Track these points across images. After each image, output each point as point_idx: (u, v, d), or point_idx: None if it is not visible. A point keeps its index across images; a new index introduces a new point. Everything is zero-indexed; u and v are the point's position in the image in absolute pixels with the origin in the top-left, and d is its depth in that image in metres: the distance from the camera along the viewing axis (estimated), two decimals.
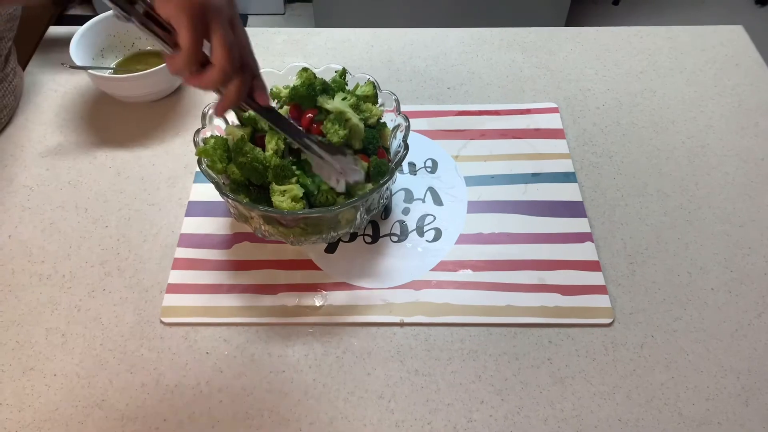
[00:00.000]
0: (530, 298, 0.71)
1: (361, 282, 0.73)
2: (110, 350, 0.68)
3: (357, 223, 0.72)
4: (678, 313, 0.70)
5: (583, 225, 0.77)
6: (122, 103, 0.91)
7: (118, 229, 0.77)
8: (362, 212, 0.71)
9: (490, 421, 0.63)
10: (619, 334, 0.68)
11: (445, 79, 0.95)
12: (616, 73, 0.96)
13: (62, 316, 0.70)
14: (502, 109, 0.90)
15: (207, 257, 0.75)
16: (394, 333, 0.69)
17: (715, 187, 0.81)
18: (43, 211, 0.79)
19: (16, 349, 0.68)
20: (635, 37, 1.02)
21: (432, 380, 0.65)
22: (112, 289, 0.72)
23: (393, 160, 0.73)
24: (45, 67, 0.97)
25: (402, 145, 0.71)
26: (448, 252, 0.75)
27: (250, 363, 0.67)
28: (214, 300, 0.71)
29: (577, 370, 0.66)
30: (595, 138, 0.87)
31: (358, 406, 0.64)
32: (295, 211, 0.65)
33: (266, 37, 1.03)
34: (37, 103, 0.92)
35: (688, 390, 0.65)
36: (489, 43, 1.01)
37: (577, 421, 0.63)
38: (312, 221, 0.68)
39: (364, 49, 1.01)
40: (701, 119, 0.89)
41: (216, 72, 0.56)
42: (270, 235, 0.71)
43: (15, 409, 0.64)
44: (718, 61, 0.97)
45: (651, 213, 0.79)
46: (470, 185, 0.82)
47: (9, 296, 0.72)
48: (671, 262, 0.74)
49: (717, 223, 0.77)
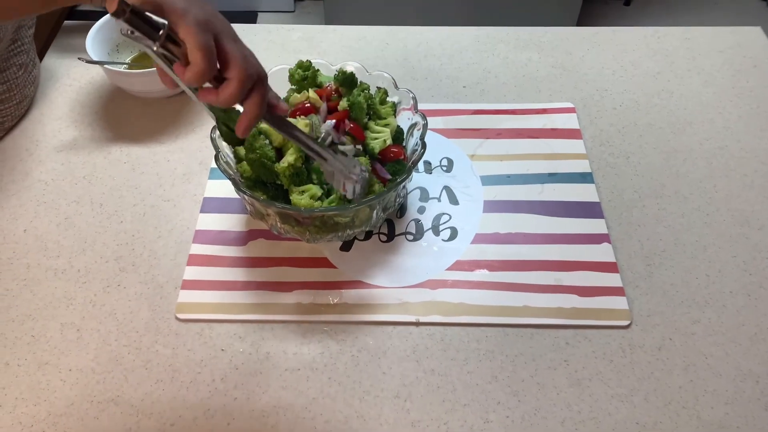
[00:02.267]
0: (547, 299, 0.70)
1: (377, 280, 0.72)
2: (125, 346, 0.68)
3: (373, 221, 0.71)
4: (696, 316, 0.69)
5: (600, 226, 0.76)
6: (137, 98, 0.91)
7: (132, 224, 0.77)
8: (378, 210, 0.71)
9: (507, 422, 0.62)
10: (637, 336, 0.68)
11: (460, 77, 0.95)
12: (633, 73, 0.95)
13: (77, 311, 0.70)
14: (518, 109, 0.90)
15: (222, 254, 0.74)
16: (410, 332, 0.69)
17: (734, 189, 0.80)
18: (58, 205, 0.79)
19: (32, 343, 0.68)
20: (652, 38, 1.01)
21: (448, 380, 0.65)
22: (127, 285, 0.72)
23: (410, 159, 0.73)
24: (59, 62, 0.97)
25: (419, 143, 0.71)
26: (463, 251, 0.75)
27: (265, 360, 0.67)
28: (228, 297, 0.71)
29: (595, 372, 0.65)
30: (612, 138, 0.86)
31: (374, 405, 0.64)
32: (313, 209, 0.65)
33: (280, 34, 1.03)
34: (52, 98, 0.92)
35: (707, 393, 0.64)
36: (504, 42, 1.00)
37: (594, 424, 0.62)
38: (329, 219, 0.68)
39: (379, 47, 1.00)
40: (719, 121, 0.89)
41: (235, 85, 0.53)
42: (286, 232, 0.71)
43: (30, 403, 0.64)
44: (735, 63, 0.96)
45: (668, 215, 0.78)
46: (486, 184, 0.81)
47: (24, 290, 0.72)
48: (689, 265, 0.74)
49: (735, 226, 0.77)
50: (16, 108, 0.86)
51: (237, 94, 0.53)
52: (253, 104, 0.55)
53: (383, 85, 0.76)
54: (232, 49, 0.53)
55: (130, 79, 0.87)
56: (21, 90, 0.86)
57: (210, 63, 0.51)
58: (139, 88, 0.88)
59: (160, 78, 0.55)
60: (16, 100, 0.86)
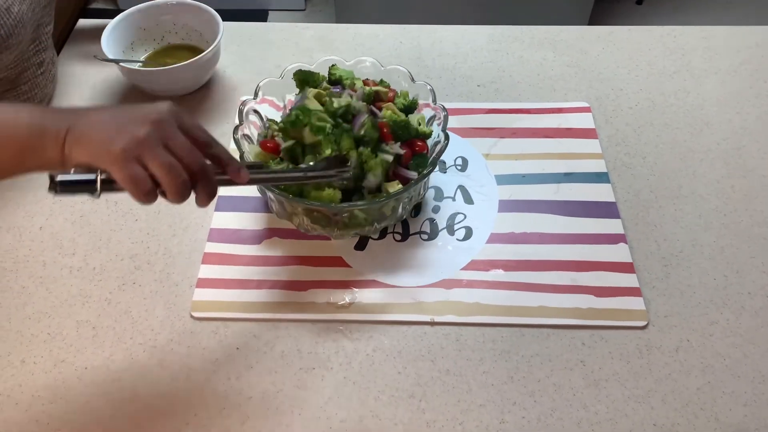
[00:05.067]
0: (563, 299, 0.70)
1: (391, 280, 0.72)
2: (140, 344, 0.68)
3: (399, 213, 0.72)
4: (714, 317, 0.69)
5: (616, 226, 0.76)
6: (152, 96, 0.91)
7: (147, 222, 0.77)
8: (405, 203, 0.71)
9: (523, 422, 0.62)
10: (654, 337, 0.67)
11: (474, 76, 0.95)
12: (649, 72, 0.95)
13: (93, 308, 0.70)
14: (533, 108, 0.89)
15: (237, 252, 0.74)
16: (425, 332, 0.68)
17: (752, 190, 0.80)
18: (73, 203, 0.79)
19: (48, 341, 0.68)
20: (668, 37, 1.00)
21: (463, 380, 0.65)
22: (142, 283, 0.72)
23: (432, 151, 0.72)
24: (75, 60, 0.97)
25: (441, 135, 0.71)
26: (478, 251, 0.74)
27: (280, 359, 0.66)
28: (243, 295, 0.71)
29: (611, 373, 0.65)
30: (628, 138, 0.86)
31: (389, 404, 0.63)
32: (343, 204, 0.65)
33: (294, 32, 1.03)
34: (68, 95, 0.92)
35: (725, 395, 0.63)
36: (519, 41, 1.00)
37: (611, 425, 0.62)
38: (359, 214, 0.69)
39: (393, 45, 1.00)
40: (737, 121, 0.88)
41: (171, 195, 0.53)
42: (312, 230, 0.71)
43: (47, 401, 0.64)
44: (753, 62, 0.96)
45: (685, 215, 0.77)
46: (501, 184, 0.81)
47: (40, 288, 0.72)
48: (707, 265, 0.73)
49: (754, 227, 0.76)
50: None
51: (177, 200, 0.54)
52: (200, 197, 0.55)
53: (399, 79, 0.77)
54: (154, 166, 0.52)
55: (145, 77, 0.87)
56: (42, 89, 0.87)
57: (143, 188, 0.52)
58: (155, 86, 0.88)
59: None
60: (37, 99, 0.86)
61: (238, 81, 0.94)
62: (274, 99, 0.79)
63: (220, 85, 0.94)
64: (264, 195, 0.75)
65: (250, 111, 0.75)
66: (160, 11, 0.92)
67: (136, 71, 0.87)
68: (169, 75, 0.85)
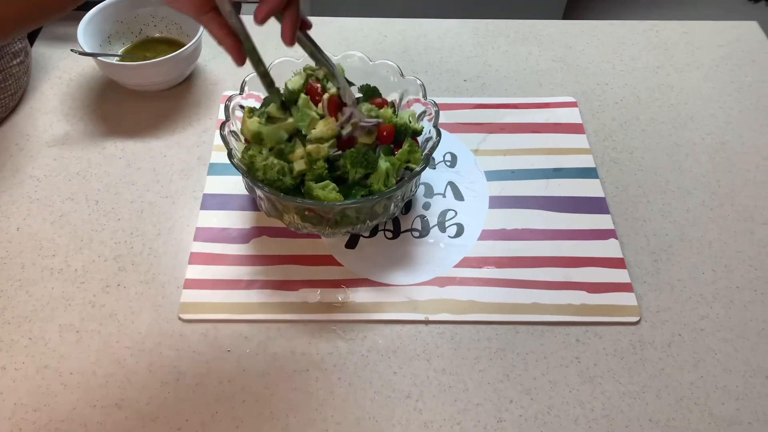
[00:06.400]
0: (556, 296, 0.70)
1: (384, 278, 0.71)
2: (127, 348, 0.66)
3: (391, 211, 0.71)
4: (704, 312, 0.69)
5: (606, 221, 0.76)
6: (131, 91, 0.88)
7: (130, 222, 0.75)
8: (397, 200, 0.70)
9: (520, 420, 0.62)
10: (647, 333, 0.68)
11: (461, 71, 0.94)
12: (633, 67, 0.95)
13: (76, 312, 0.68)
14: (520, 103, 0.89)
15: (224, 252, 0.73)
16: (419, 331, 0.68)
17: (737, 184, 0.81)
18: (52, 202, 0.76)
19: (29, 346, 0.65)
20: (651, 32, 1.01)
21: (460, 379, 0.64)
22: (128, 285, 0.70)
23: (424, 148, 0.71)
24: (48, 52, 0.94)
25: (433, 131, 0.70)
26: (471, 248, 0.74)
27: (273, 361, 0.65)
28: (233, 296, 0.69)
29: (606, 369, 0.65)
30: (615, 133, 0.86)
31: (386, 405, 0.63)
32: (335, 203, 0.64)
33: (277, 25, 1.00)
34: (42, 91, 0.89)
35: (718, 389, 0.64)
36: (504, 36, 0.99)
37: (608, 422, 0.62)
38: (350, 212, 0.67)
39: (378, 39, 0.99)
40: (720, 115, 0.89)
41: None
42: (303, 228, 0.70)
43: (30, 409, 0.61)
44: (734, 57, 0.97)
45: (673, 210, 0.78)
46: (491, 180, 0.80)
47: (20, 291, 0.69)
48: (695, 260, 0.74)
49: (740, 221, 0.77)
50: (10, 99, 0.83)
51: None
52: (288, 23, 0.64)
53: (388, 74, 0.75)
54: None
55: (125, 71, 0.84)
56: (16, 80, 0.83)
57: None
58: (134, 81, 0.86)
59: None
60: (11, 90, 0.82)
61: (219, 75, 0.92)
62: (260, 94, 0.77)
63: (203, 80, 0.91)
64: (252, 193, 0.73)
65: (236, 106, 0.73)
66: (138, 3, 0.89)
67: (116, 65, 0.84)
68: (150, 69, 0.83)
